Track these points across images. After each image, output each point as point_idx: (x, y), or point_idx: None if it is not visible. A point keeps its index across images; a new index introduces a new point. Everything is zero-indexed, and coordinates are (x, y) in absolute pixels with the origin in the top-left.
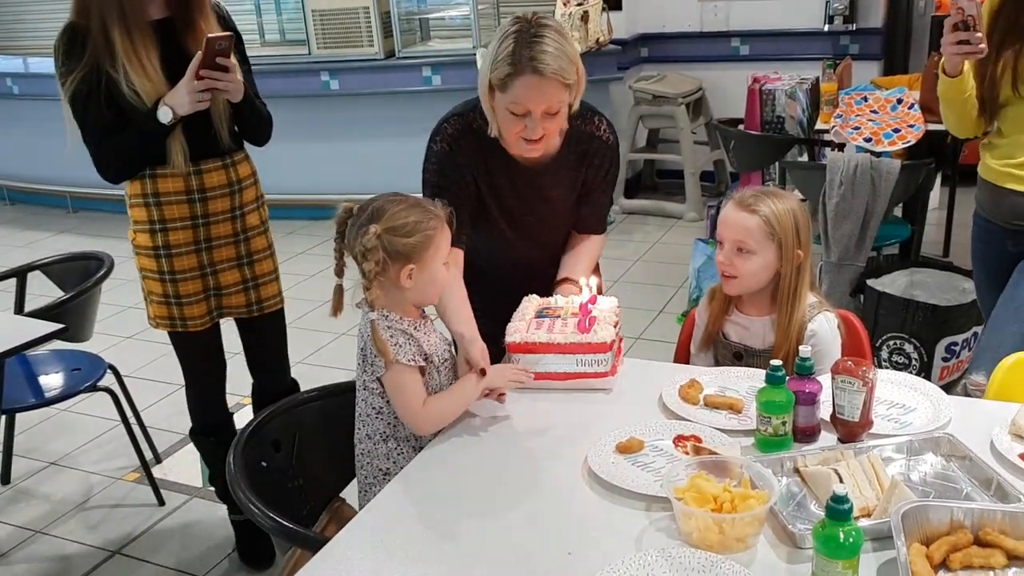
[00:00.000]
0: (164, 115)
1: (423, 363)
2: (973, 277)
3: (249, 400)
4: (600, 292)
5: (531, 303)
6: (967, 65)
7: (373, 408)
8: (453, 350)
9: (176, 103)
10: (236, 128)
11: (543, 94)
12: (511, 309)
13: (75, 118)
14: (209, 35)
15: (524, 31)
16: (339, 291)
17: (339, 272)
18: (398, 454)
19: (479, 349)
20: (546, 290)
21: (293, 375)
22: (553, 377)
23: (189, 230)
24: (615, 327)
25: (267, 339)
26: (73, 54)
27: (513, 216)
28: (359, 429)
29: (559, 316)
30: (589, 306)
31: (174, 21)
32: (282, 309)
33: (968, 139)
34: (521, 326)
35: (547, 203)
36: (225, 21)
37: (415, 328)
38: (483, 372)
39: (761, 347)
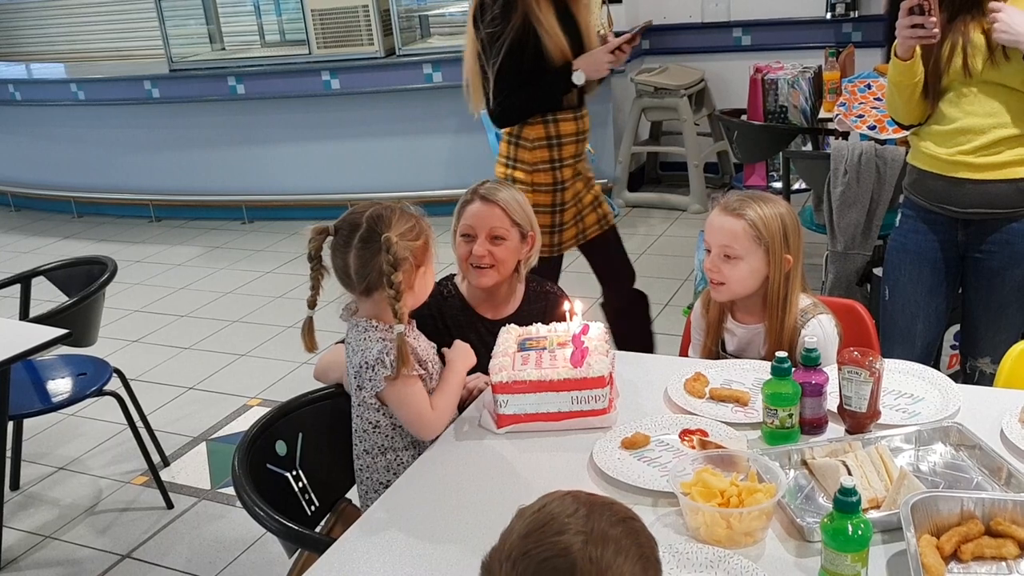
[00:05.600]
0: (579, 78)
1: (422, 372)
2: (891, 279)
3: (257, 401)
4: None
5: (510, 334)
6: (918, 49)
7: (370, 423)
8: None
9: (591, 70)
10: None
11: (487, 217)
12: None
13: (495, 68)
14: (650, 20)
15: (483, 183)
16: (310, 324)
17: (313, 303)
18: (398, 464)
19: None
20: None
21: (299, 376)
22: (546, 418)
23: (572, 167)
24: (608, 356)
25: (612, 248)
26: (510, 9)
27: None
28: (357, 445)
29: (544, 348)
30: (582, 337)
31: None
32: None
33: (912, 126)
34: (506, 362)
35: None
36: None
37: (405, 337)
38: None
39: (757, 358)
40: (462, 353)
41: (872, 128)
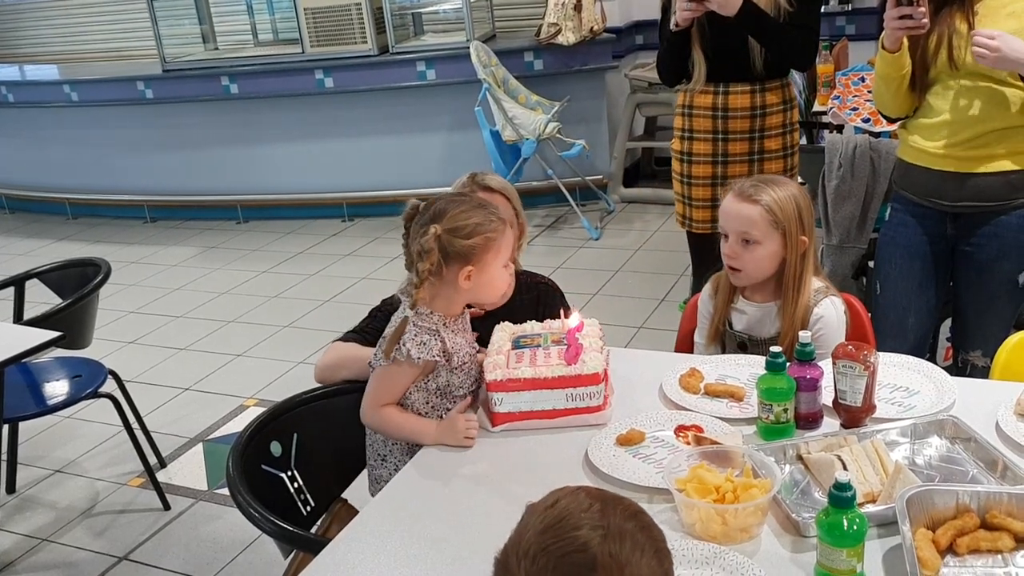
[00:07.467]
0: (672, 23)
1: (442, 360)
2: (882, 273)
3: (253, 401)
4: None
5: (504, 332)
6: (905, 40)
7: None
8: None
9: (679, 14)
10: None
11: (501, 209)
12: None
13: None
14: None
15: (474, 175)
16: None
17: (410, 266)
18: (393, 443)
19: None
20: None
21: (296, 376)
22: (541, 416)
23: (709, 142)
24: (602, 353)
25: None
26: None
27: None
28: (369, 436)
29: (539, 346)
30: (576, 334)
31: None
32: None
33: (898, 119)
34: (500, 360)
35: None
36: None
37: (443, 324)
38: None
39: (766, 336)
40: (445, 432)
41: (866, 121)
